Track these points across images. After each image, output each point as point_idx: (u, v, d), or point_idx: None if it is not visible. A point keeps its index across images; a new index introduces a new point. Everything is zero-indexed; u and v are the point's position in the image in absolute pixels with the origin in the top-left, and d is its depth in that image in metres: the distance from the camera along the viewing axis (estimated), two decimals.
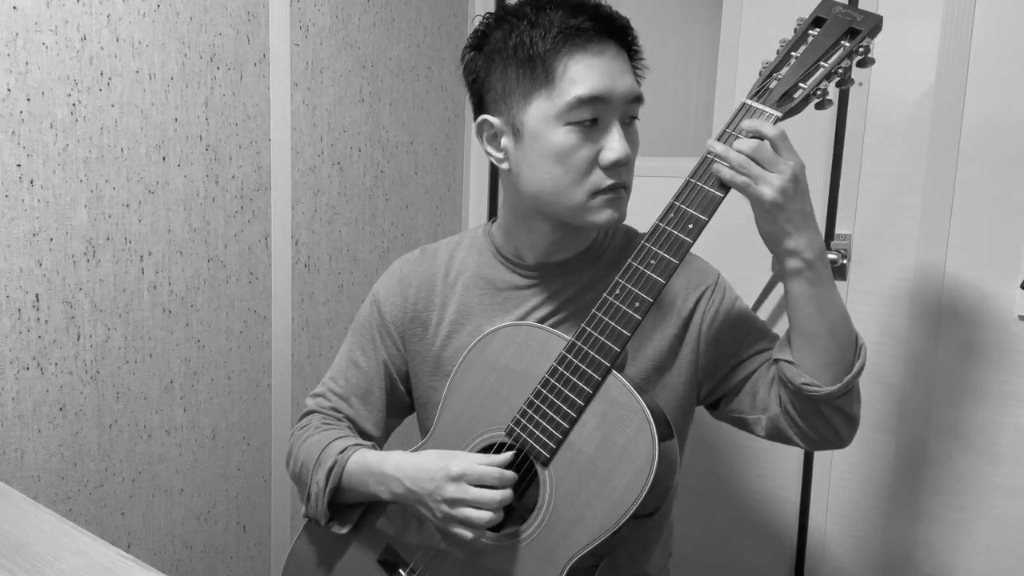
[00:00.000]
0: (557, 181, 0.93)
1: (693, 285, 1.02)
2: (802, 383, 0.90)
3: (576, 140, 0.91)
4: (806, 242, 0.86)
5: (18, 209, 1.15)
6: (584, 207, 0.94)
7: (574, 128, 0.91)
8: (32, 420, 1.19)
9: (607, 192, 0.93)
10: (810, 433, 0.93)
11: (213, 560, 1.48)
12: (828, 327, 0.89)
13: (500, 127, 0.97)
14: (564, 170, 0.92)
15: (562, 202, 0.94)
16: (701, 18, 1.64)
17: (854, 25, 0.86)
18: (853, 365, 0.90)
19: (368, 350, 1.09)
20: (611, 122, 0.92)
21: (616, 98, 0.92)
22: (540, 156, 0.93)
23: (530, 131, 0.93)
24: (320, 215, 1.58)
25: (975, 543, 1.32)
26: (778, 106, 0.86)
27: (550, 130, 0.92)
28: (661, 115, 1.70)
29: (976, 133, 1.27)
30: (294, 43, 1.49)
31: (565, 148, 0.92)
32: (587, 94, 0.90)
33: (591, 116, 0.91)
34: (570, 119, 0.91)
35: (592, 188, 0.93)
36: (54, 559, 0.83)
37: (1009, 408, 1.27)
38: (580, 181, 0.93)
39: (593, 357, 0.87)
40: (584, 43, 0.91)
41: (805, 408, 0.92)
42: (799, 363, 0.91)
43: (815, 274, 0.87)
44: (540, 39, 0.92)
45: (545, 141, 0.92)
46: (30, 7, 1.13)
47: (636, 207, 1.18)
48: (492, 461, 0.88)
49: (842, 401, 0.91)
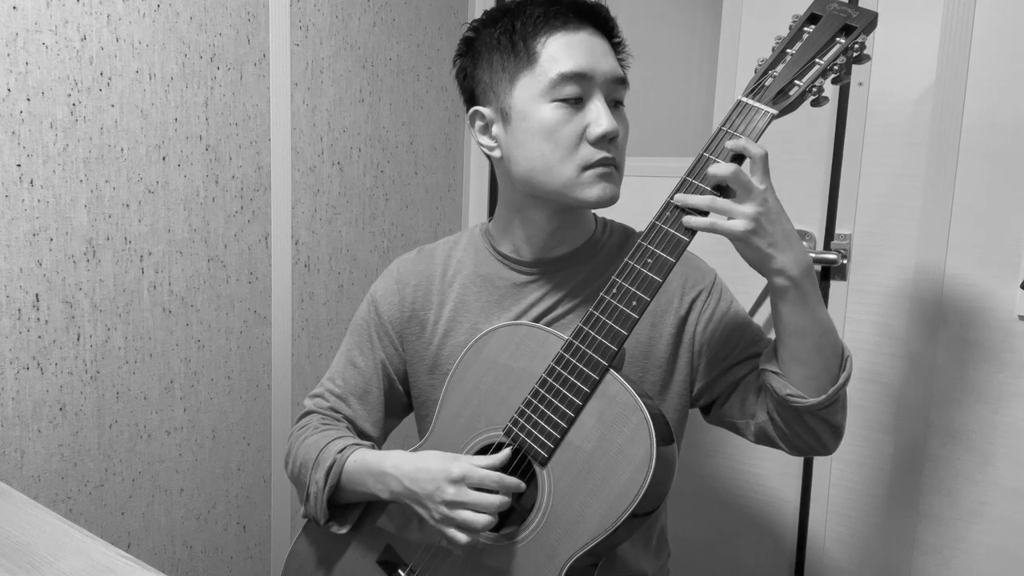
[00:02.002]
0: (547, 158, 0.94)
1: (689, 286, 1.02)
2: (787, 394, 0.91)
3: (562, 115, 0.93)
4: (791, 261, 0.86)
5: (18, 209, 1.15)
6: (575, 182, 0.94)
7: (560, 104, 0.93)
8: (32, 420, 1.20)
9: (597, 166, 0.94)
10: (795, 441, 0.94)
11: (213, 560, 1.48)
12: (814, 341, 0.89)
13: (490, 116, 0.99)
14: (552, 146, 0.94)
15: (553, 179, 0.95)
16: (701, 17, 1.64)
17: (849, 22, 0.86)
18: (839, 377, 0.91)
19: (366, 350, 1.09)
20: (596, 99, 0.94)
21: (599, 75, 0.94)
22: (528, 134, 0.95)
23: (518, 112, 0.95)
24: (320, 215, 1.58)
25: (974, 543, 1.32)
26: (773, 103, 0.86)
27: (536, 108, 0.94)
28: (661, 115, 1.70)
29: (976, 133, 1.27)
30: (294, 43, 1.49)
31: (552, 124, 0.93)
32: (569, 70, 0.92)
33: (576, 93, 0.93)
34: (555, 96, 0.93)
35: (582, 162, 0.94)
36: (54, 559, 0.83)
37: (1008, 408, 1.27)
38: (569, 155, 0.94)
39: (591, 356, 0.87)
40: (563, 23, 0.95)
41: (790, 417, 0.93)
42: (785, 374, 0.92)
43: (800, 292, 0.87)
44: (521, 25, 0.96)
45: (532, 119, 0.94)
46: (30, 7, 1.14)
47: (636, 207, 1.18)
48: (490, 462, 0.88)
49: (827, 412, 0.92)
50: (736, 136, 0.86)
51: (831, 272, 1.43)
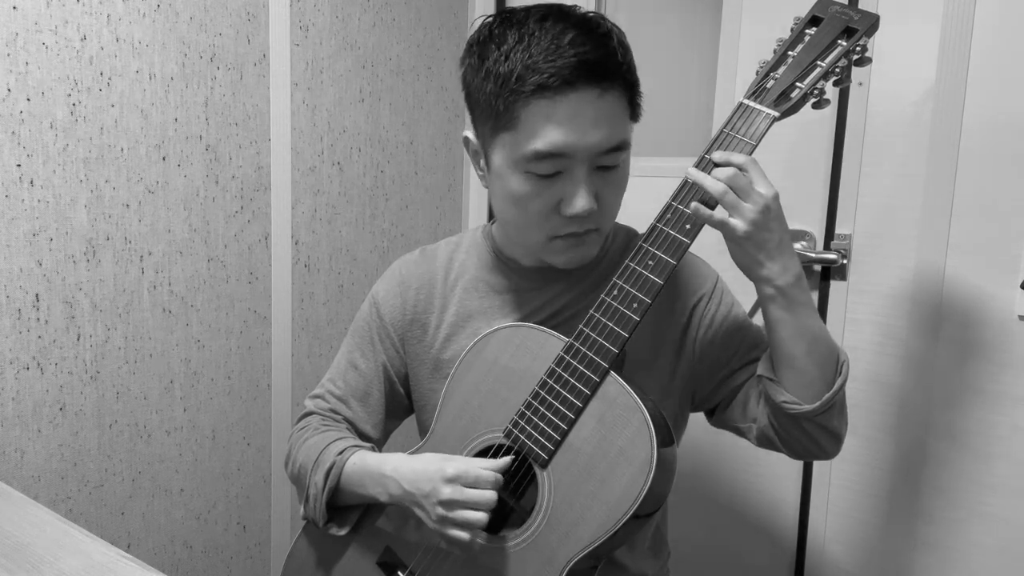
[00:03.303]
0: (516, 221, 0.94)
1: (691, 290, 1.02)
2: (782, 401, 0.91)
3: (533, 188, 0.89)
4: (779, 269, 0.86)
5: (18, 209, 1.15)
6: (543, 247, 0.95)
7: (531, 177, 0.89)
8: (32, 420, 1.20)
9: (568, 238, 0.93)
10: (795, 446, 0.95)
11: (213, 560, 1.48)
12: (805, 349, 0.89)
13: (478, 149, 0.97)
14: (521, 212, 0.92)
15: (523, 239, 0.96)
16: (701, 17, 1.64)
17: (851, 24, 0.86)
18: (834, 383, 0.91)
19: (367, 352, 1.09)
20: (577, 174, 0.88)
21: (581, 153, 0.87)
22: (502, 195, 0.94)
23: (495, 168, 0.93)
24: (320, 215, 1.58)
25: (974, 543, 1.32)
26: (775, 106, 0.86)
27: (510, 174, 0.91)
28: (661, 115, 1.70)
29: (976, 133, 1.27)
30: (294, 43, 1.49)
31: (522, 195, 0.91)
32: (544, 150, 0.86)
33: (550, 170, 0.88)
34: (528, 168, 0.89)
35: (552, 233, 0.93)
36: (54, 559, 0.83)
37: (1008, 408, 1.27)
38: (538, 226, 0.92)
39: (591, 358, 0.87)
40: (553, 95, 0.84)
41: (787, 423, 0.93)
42: (779, 380, 0.92)
43: (788, 300, 0.87)
44: (508, 80, 0.86)
45: (506, 183, 0.92)
46: (30, 7, 1.13)
47: (636, 207, 1.18)
48: (492, 466, 0.88)
49: (823, 418, 0.92)
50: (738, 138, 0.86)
51: (831, 272, 1.43)
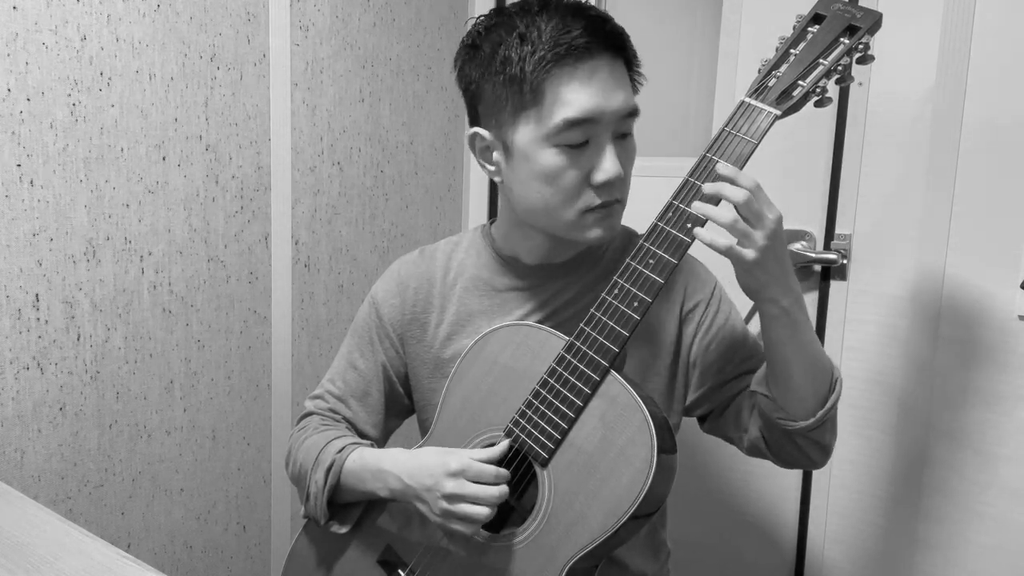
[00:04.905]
0: (547, 201, 0.93)
1: (688, 296, 1.02)
2: (777, 417, 0.92)
3: (565, 161, 0.90)
4: (782, 290, 0.86)
5: (18, 209, 1.15)
6: (575, 224, 0.94)
7: (563, 149, 0.89)
8: (32, 420, 1.20)
9: (598, 210, 0.92)
10: (786, 457, 0.96)
11: (213, 560, 1.48)
12: (802, 367, 0.89)
13: (491, 141, 0.96)
14: (554, 190, 0.91)
15: (553, 220, 0.94)
16: (701, 17, 1.64)
17: (853, 22, 0.86)
18: (827, 400, 0.91)
19: (367, 352, 1.09)
20: (603, 141, 0.90)
21: (608, 116, 0.89)
22: (530, 176, 0.92)
23: (519, 151, 0.92)
24: (320, 215, 1.58)
25: (974, 543, 1.32)
26: (777, 104, 0.86)
27: (539, 151, 0.90)
28: (661, 115, 1.70)
29: (976, 133, 1.27)
30: (294, 43, 1.49)
31: (554, 169, 0.90)
32: (576, 116, 0.88)
33: (581, 139, 0.89)
34: (559, 141, 0.89)
35: (583, 207, 0.92)
36: (54, 559, 0.83)
37: (1009, 408, 1.27)
38: (571, 200, 0.92)
39: (592, 357, 0.87)
40: (574, 62, 0.87)
41: (780, 438, 0.94)
42: (774, 397, 0.92)
43: (791, 319, 0.87)
44: (528, 57, 0.88)
45: (534, 162, 0.91)
46: (30, 7, 1.13)
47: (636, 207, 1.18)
48: (487, 455, 0.89)
49: (815, 433, 0.92)
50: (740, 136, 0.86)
51: (831, 272, 1.43)
